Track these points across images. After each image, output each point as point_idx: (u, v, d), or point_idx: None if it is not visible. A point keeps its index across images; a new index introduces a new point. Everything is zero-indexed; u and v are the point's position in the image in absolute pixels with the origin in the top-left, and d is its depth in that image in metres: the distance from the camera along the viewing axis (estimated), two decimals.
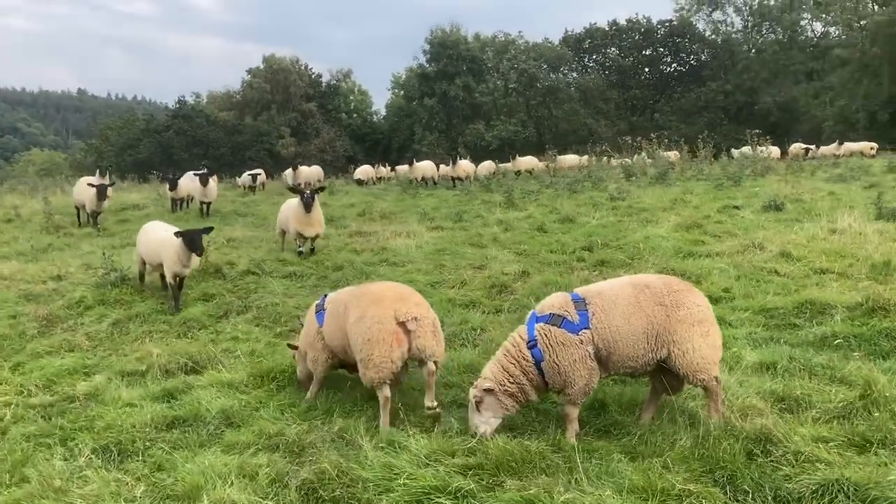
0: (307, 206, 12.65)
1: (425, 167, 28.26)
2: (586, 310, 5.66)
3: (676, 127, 66.76)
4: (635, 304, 5.65)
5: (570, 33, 79.15)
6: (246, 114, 77.85)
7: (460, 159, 30.11)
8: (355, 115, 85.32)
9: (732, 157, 34.31)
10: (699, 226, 13.38)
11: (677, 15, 76.21)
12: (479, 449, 5.35)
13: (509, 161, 31.72)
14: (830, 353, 7.13)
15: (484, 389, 5.63)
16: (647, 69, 78.90)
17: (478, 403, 5.65)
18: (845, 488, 4.48)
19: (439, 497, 4.83)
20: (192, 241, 9.79)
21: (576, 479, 4.99)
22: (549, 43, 78.07)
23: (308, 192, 12.83)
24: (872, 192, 17.29)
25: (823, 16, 67.80)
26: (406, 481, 5.02)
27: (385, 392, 6.15)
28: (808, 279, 9.67)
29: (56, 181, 37.11)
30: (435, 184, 28.00)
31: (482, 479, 5.06)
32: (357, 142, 79.88)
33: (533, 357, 5.65)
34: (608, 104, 73.96)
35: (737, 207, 15.53)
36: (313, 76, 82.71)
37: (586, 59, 79.89)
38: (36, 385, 7.59)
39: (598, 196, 18.47)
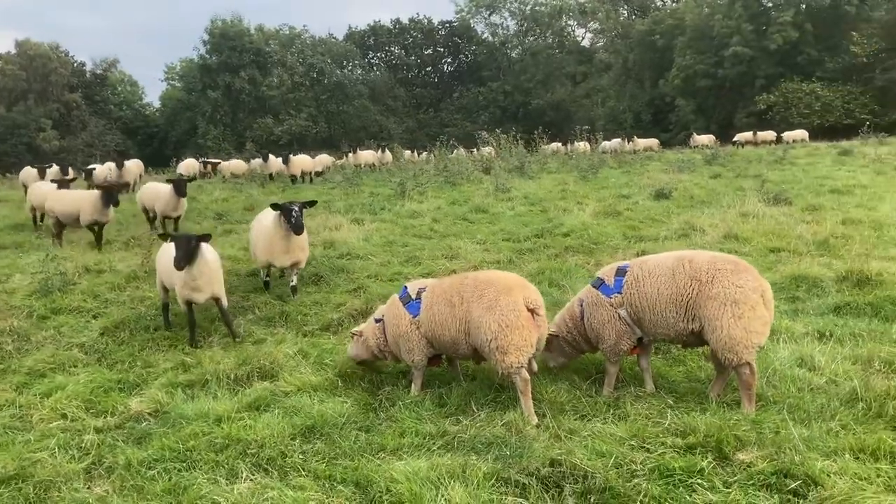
0: (297, 228, 9.26)
1: (273, 163, 27.21)
2: (623, 276, 6.19)
3: (461, 124, 69.59)
4: (670, 275, 5.96)
5: (354, 30, 79.49)
6: None
7: (292, 156, 28.84)
8: (126, 108, 79.41)
9: (538, 152, 36.61)
10: (618, 213, 14.20)
11: (457, 17, 79.23)
12: (684, 429, 5.42)
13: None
14: (863, 320, 7.95)
15: (550, 333, 6.54)
16: (429, 68, 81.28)
17: (549, 344, 6.58)
18: None
19: (693, 478, 4.84)
20: (182, 246, 7.63)
21: (790, 446, 5.20)
22: (334, 39, 77.80)
23: (297, 206, 9.41)
24: (721, 179, 19.38)
25: (590, 23, 73.77)
26: (641, 465, 4.98)
27: (524, 375, 6.02)
28: (767, 258, 10.67)
29: None
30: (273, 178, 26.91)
31: (705, 456, 5.13)
32: (129, 135, 74.76)
33: (580, 312, 6.44)
34: (396, 101, 75.33)
35: (626, 196, 16.63)
36: (76, 65, 75.85)
37: (371, 57, 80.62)
38: (77, 407, 6.46)
39: (484, 188, 18.89)
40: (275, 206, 9.65)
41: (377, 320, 7.03)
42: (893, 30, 49.61)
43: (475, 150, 33.90)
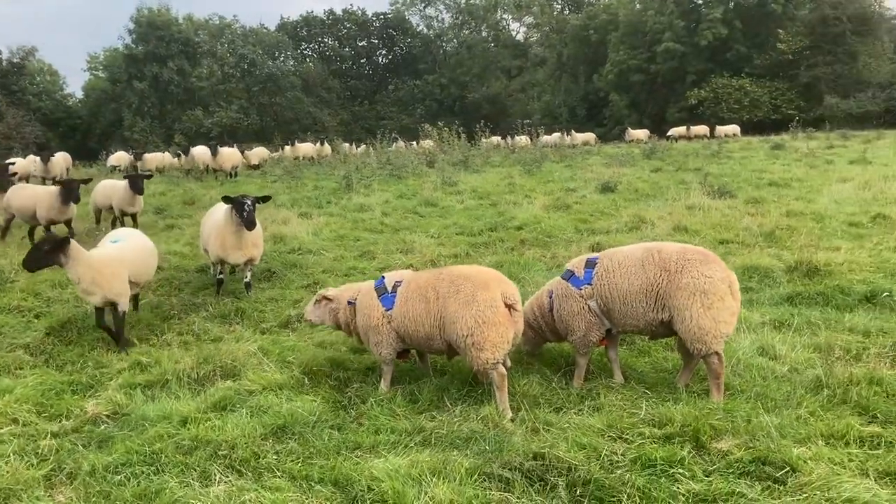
0: (249, 223, 8.79)
1: (200, 156, 26.50)
2: (593, 268, 6.23)
3: (397, 117, 69.30)
4: (639, 266, 6.03)
5: (286, 20, 78.27)
6: None
7: (220, 148, 28.14)
8: (46, 98, 76.33)
9: (479, 146, 36.70)
10: (567, 206, 14.29)
11: (392, 8, 78.73)
12: (661, 419, 5.44)
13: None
14: (816, 309, 8.16)
15: None
16: (363, 60, 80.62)
17: None
18: None
19: (674, 467, 4.86)
20: (32, 251, 7.61)
21: (764, 434, 5.28)
22: (266, 29, 76.47)
23: (250, 200, 8.88)
24: (663, 173, 19.71)
25: (524, 17, 74.31)
26: (622, 456, 4.98)
27: (501, 370, 5.97)
28: (716, 249, 10.82)
29: None
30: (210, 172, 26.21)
31: (684, 446, 5.16)
32: (50, 127, 71.93)
33: (549, 304, 6.49)
34: (330, 93, 74.48)
35: (573, 190, 16.76)
36: None
37: (304, 48, 79.53)
38: (28, 411, 6.12)
39: (431, 181, 18.79)
40: (226, 199, 9.05)
41: (350, 302, 6.85)
42: (816, 28, 51.50)
43: (415, 142, 33.75)
